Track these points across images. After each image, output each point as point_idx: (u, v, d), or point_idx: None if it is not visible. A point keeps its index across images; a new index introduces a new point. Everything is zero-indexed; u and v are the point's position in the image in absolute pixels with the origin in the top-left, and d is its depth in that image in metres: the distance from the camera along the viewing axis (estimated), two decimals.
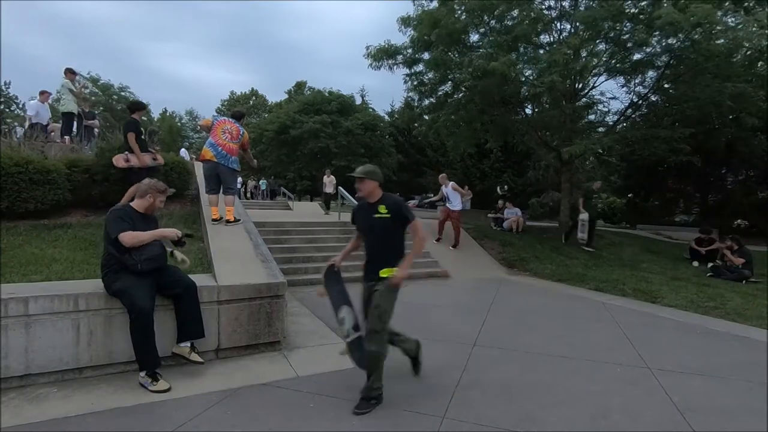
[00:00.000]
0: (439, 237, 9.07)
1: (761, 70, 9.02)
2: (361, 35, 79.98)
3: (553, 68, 8.39)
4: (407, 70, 11.17)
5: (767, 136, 12.10)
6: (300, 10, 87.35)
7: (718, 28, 7.93)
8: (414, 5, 10.67)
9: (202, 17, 78.85)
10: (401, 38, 11.07)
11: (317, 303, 5.29)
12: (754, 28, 7.86)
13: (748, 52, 8.53)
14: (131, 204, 3.18)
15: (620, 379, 3.30)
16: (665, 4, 8.53)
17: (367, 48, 10.77)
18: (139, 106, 6.00)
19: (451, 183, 8.92)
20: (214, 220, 5.41)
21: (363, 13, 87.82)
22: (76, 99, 8.63)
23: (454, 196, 8.81)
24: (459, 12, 9.63)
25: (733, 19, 8.31)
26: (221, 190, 5.50)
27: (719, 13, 7.85)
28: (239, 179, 8.34)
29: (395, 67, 10.98)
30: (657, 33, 8.42)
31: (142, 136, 5.89)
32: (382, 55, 10.67)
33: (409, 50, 10.68)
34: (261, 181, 26.51)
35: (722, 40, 8.22)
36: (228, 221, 5.40)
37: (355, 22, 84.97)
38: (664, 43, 8.96)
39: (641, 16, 8.69)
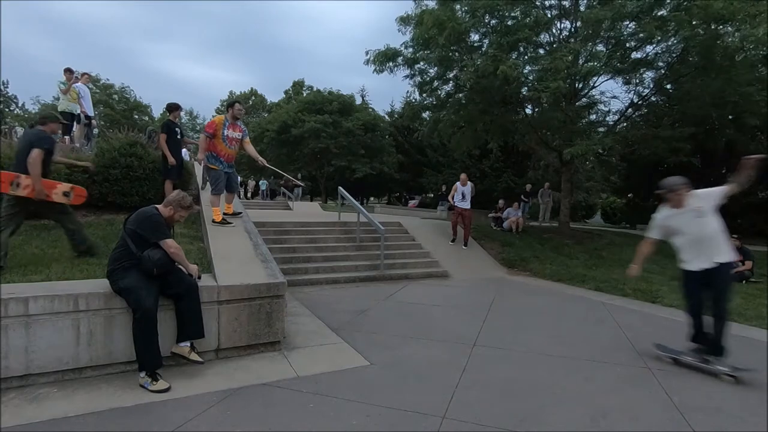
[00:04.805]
0: (455, 238, 9.19)
1: (762, 71, 9.03)
2: (360, 36, 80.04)
3: (555, 75, 8.39)
4: (408, 71, 11.22)
5: (767, 136, 12.10)
6: (300, 11, 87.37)
7: (746, 25, 7.96)
8: (415, 4, 10.69)
9: (202, 17, 78.84)
10: (400, 38, 11.16)
11: (317, 303, 5.31)
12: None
13: (755, 55, 8.54)
14: (159, 209, 3.22)
15: (620, 379, 3.31)
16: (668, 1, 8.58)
17: (367, 53, 10.87)
18: (173, 107, 6.41)
19: (470, 183, 9.25)
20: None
21: (362, 13, 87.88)
22: (69, 98, 8.65)
23: (469, 196, 9.10)
24: (460, 12, 9.62)
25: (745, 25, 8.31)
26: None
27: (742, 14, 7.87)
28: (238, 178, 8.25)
29: (396, 69, 11.04)
30: (670, 27, 8.40)
31: (178, 137, 6.36)
32: (383, 59, 10.72)
33: (410, 50, 10.71)
34: (261, 182, 26.43)
35: (733, 38, 8.26)
36: (213, 221, 5.32)
37: (355, 23, 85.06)
38: (671, 41, 8.93)
39: (640, 15, 8.69)
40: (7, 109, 32.53)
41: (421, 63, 10.95)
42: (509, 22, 9.59)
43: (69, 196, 4.39)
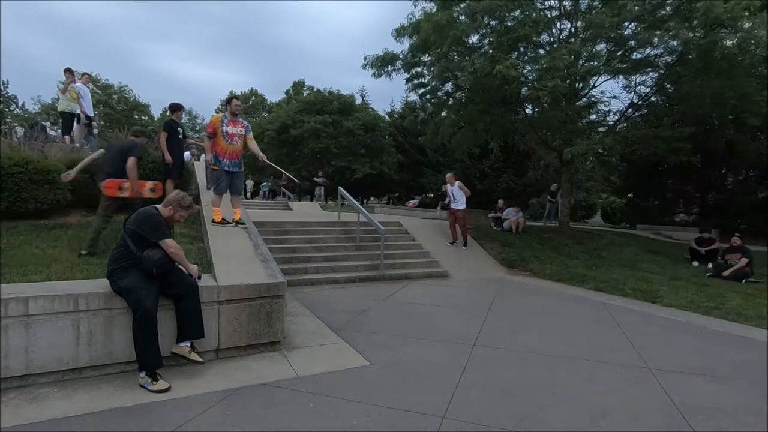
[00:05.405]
0: (454, 239, 9.14)
1: (762, 71, 9.04)
2: (360, 36, 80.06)
3: (554, 73, 8.38)
4: (407, 75, 11.27)
5: (767, 136, 12.09)
6: (300, 11, 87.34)
7: (746, 25, 7.96)
8: (414, 7, 10.70)
9: (202, 17, 78.80)
10: (398, 45, 11.28)
11: (317, 303, 5.31)
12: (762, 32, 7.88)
13: (756, 55, 8.55)
14: (159, 209, 3.22)
15: (620, 379, 3.31)
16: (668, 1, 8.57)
17: (365, 58, 10.94)
18: (175, 107, 6.43)
19: (458, 182, 9.07)
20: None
21: (362, 13, 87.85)
22: (69, 97, 8.66)
23: (460, 195, 8.93)
24: (458, 15, 9.62)
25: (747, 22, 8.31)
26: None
27: (746, 13, 7.88)
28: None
29: (395, 72, 11.10)
30: (667, 31, 8.40)
31: (179, 136, 6.37)
32: (381, 64, 10.77)
33: (408, 56, 10.75)
34: (263, 184, 26.29)
35: (734, 41, 8.26)
36: (213, 221, 5.33)
37: (355, 23, 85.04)
38: (671, 43, 8.93)
39: (644, 16, 8.69)
40: (7, 109, 32.53)
41: (421, 67, 11.00)
42: (509, 23, 9.59)
43: (155, 191, 5.00)
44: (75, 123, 9.15)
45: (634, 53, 9.73)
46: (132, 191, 4.77)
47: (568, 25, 10.42)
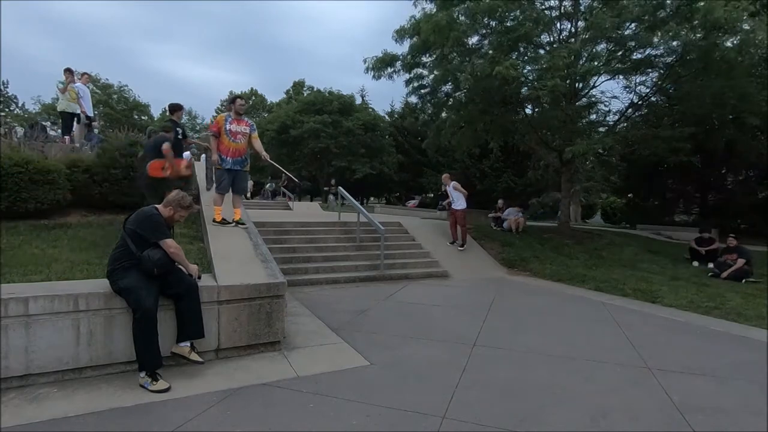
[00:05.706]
0: (454, 239, 9.13)
1: (761, 69, 9.05)
2: (360, 36, 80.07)
3: (554, 72, 8.38)
4: (407, 75, 11.31)
5: (767, 136, 12.09)
6: (300, 11, 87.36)
7: (746, 27, 7.97)
8: (415, 8, 10.71)
9: (202, 17, 78.76)
10: (399, 47, 11.34)
11: (317, 303, 5.31)
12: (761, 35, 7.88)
13: (755, 56, 8.55)
14: (159, 209, 3.22)
15: (620, 379, 3.31)
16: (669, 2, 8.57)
17: (365, 61, 10.98)
18: (175, 108, 6.38)
19: (453, 183, 9.03)
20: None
21: (362, 13, 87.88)
22: (69, 97, 8.67)
23: (457, 196, 8.92)
24: (458, 15, 9.62)
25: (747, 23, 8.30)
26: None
27: (745, 14, 7.89)
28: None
29: (395, 74, 11.14)
30: (667, 32, 8.39)
31: (179, 136, 6.32)
32: (381, 65, 10.79)
33: (408, 57, 10.77)
34: (268, 185, 26.20)
35: (734, 41, 8.27)
36: (213, 221, 5.39)
37: (355, 23, 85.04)
38: (671, 44, 8.93)
39: (645, 17, 8.69)
40: (7, 109, 32.51)
41: (421, 68, 11.01)
42: (509, 23, 9.59)
43: (189, 168, 5.74)
44: (75, 123, 9.15)
45: (635, 53, 9.74)
46: (172, 169, 5.37)
47: (569, 26, 10.43)
